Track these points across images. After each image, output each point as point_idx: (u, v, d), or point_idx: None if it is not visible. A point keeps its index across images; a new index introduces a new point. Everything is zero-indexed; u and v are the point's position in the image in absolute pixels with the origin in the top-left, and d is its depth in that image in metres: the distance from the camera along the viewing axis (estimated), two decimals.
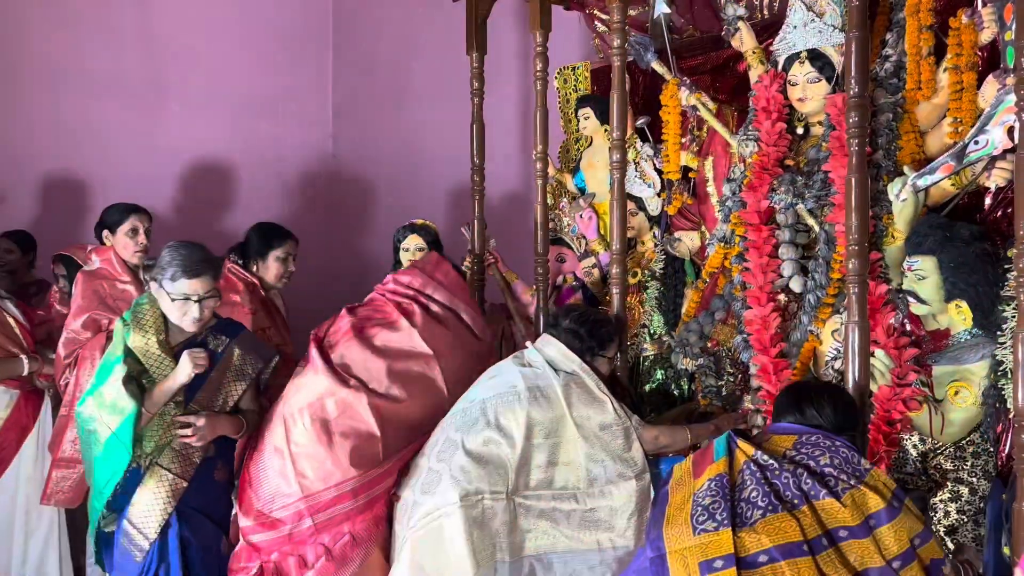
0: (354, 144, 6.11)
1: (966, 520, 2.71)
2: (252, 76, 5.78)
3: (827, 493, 2.16)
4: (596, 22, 4.25)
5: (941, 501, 2.74)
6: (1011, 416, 2.53)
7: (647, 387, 3.80)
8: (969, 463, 2.76)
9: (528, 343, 3.16)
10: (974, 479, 2.74)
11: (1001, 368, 2.66)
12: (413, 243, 4.15)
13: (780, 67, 3.25)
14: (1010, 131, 2.61)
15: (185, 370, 2.92)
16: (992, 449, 2.75)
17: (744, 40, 3.43)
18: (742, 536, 2.12)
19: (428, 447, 3.00)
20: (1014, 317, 2.64)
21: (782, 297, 3.16)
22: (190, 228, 2.95)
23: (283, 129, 5.89)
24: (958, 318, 2.79)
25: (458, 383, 3.13)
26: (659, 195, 3.90)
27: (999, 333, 2.70)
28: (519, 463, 2.80)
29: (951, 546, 2.71)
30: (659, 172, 3.87)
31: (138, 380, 2.92)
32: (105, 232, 3.91)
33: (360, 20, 6.14)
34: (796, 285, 3.12)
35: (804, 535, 2.11)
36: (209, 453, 3.03)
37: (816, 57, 3.13)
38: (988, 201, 2.96)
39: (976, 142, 2.70)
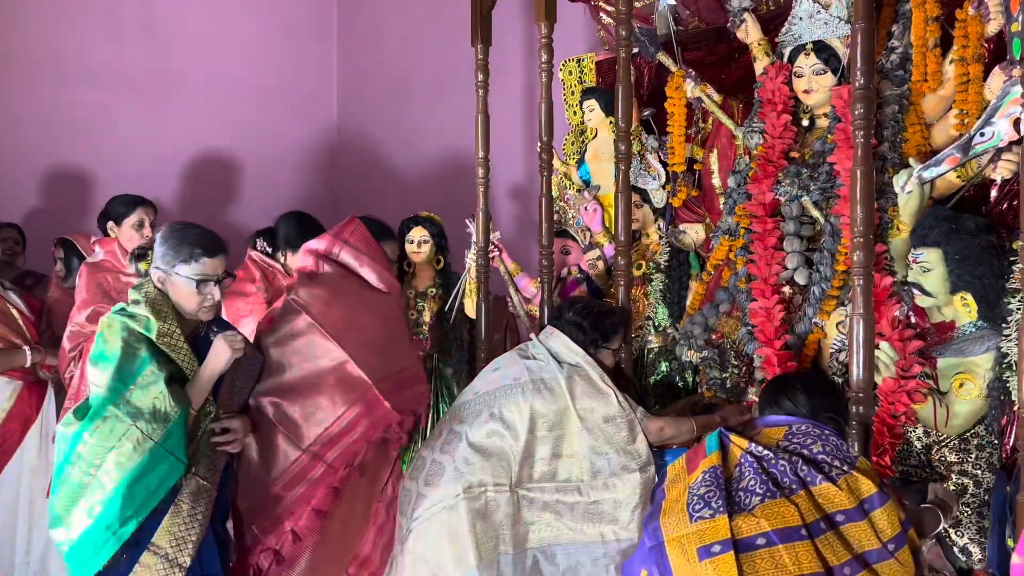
0: (358, 136, 6.11)
1: (970, 512, 2.71)
2: (255, 67, 5.79)
3: (823, 478, 2.18)
4: (601, 13, 4.25)
5: None
6: (1016, 408, 2.52)
7: (652, 379, 3.80)
8: (973, 455, 2.76)
9: (532, 335, 3.16)
10: (978, 471, 2.74)
11: (1006, 360, 2.66)
12: (417, 235, 4.16)
13: (786, 59, 3.25)
14: (1016, 123, 2.60)
15: (223, 356, 2.64)
16: (996, 441, 2.74)
17: (749, 32, 3.42)
18: (739, 521, 2.14)
19: (432, 438, 3.00)
20: (1019, 309, 2.64)
21: (787, 289, 3.16)
22: (192, 220, 2.87)
23: (287, 121, 5.90)
24: (963, 310, 2.78)
25: (349, 333, 2.96)
26: (664, 187, 3.89)
27: (1004, 325, 2.69)
28: (523, 455, 2.80)
29: (955, 538, 2.71)
30: (664, 164, 3.87)
31: (178, 381, 2.61)
32: (110, 224, 3.91)
33: (364, 12, 6.14)
34: (801, 277, 3.11)
35: (803, 519, 2.12)
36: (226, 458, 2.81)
37: (822, 49, 3.13)
38: (994, 193, 2.95)
39: (982, 134, 2.69)
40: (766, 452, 2.25)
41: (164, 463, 2.51)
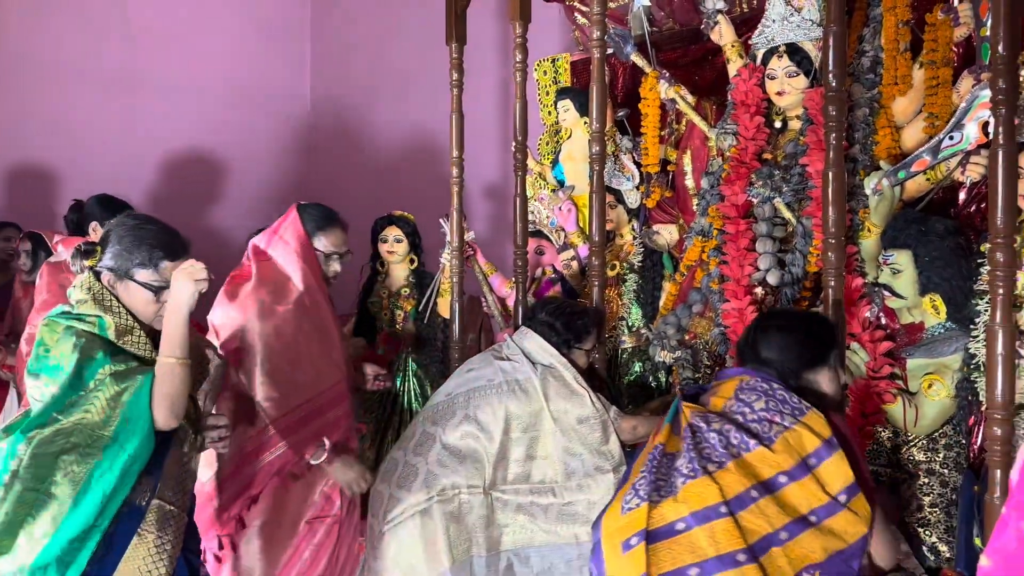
0: (332, 134, 6.08)
1: (938, 511, 2.74)
2: (229, 65, 5.75)
3: (757, 443, 2.12)
4: (576, 14, 4.25)
5: (912, 495, 2.77)
6: (983, 409, 2.55)
7: (625, 379, 3.81)
8: (941, 455, 2.78)
9: (506, 336, 3.16)
10: (945, 471, 2.77)
11: (974, 361, 2.68)
12: (391, 234, 4.14)
13: (759, 61, 3.26)
14: (984, 126, 2.64)
15: (185, 291, 2.24)
16: (964, 441, 2.77)
17: (723, 34, 3.44)
18: (663, 507, 2.10)
19: (404, 440, 2.99)
20: (987, 311, 2.67)
21: (759, 290, 3.18)
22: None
23: (261, 118, 5.87)
24: (932, 312, 2.81)
25: (251, 367, 2.81)
26: (638, 188, 3.90)
27: (972, 326, 2.72)
28: (497, 457, 2.80)
29: (923, 537, 2.74)
30: (638, 165, 3.88)
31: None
32: (93, 224, 3.80)
33: (338, 10, 6.11)
34: (773, 278, 3.13)
35: (723, 495, 2.08)
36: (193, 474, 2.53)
37: (794, 51, 3.15)
38: (962, 196, 2.99)
39: (951, 137, 2.73)
40: (701, 424, 2.21)
41: (122, 455, 2.20)
